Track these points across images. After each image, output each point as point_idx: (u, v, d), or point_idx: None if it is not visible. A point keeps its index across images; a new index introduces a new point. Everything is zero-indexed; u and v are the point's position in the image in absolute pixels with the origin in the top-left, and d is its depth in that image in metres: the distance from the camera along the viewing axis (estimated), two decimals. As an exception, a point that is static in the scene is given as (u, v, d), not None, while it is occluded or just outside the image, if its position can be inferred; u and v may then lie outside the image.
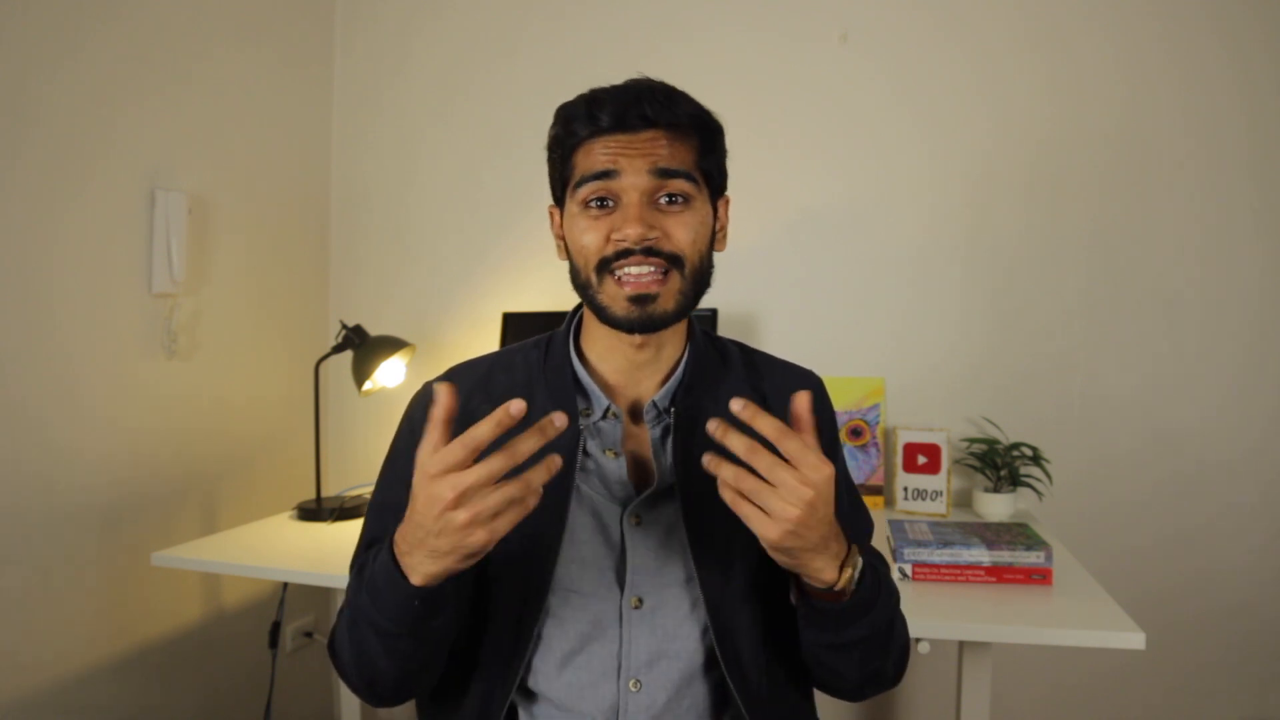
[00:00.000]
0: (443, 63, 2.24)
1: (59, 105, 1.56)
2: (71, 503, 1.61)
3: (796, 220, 2.04)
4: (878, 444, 1.96)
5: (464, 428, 0.86)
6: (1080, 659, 1.92)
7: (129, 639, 1.74)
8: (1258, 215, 1.84)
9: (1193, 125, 1.86)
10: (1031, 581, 1.38)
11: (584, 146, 0.83)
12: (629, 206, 0.80)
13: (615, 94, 0.82)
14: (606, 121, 0.81)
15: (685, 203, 0.83)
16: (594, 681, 0.82)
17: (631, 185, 0.81)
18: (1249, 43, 1.83)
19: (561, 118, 0.86)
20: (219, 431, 1.96)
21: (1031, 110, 1.93)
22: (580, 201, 0.83)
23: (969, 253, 1.97)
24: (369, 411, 2.23)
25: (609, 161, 0.81)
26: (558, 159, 0.87)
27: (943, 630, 1.26)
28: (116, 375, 1.70)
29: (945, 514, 1.87)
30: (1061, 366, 1.94)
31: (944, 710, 1.89)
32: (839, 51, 2.00)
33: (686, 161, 0.83)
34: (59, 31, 1.56)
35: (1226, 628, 1.87)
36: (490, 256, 2.22)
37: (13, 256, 1.51)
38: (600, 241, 0.82)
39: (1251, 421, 1.86)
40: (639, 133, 0.81)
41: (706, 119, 0.86)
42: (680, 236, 0.82)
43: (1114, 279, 1.91)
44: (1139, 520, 1.90)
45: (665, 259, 0.81)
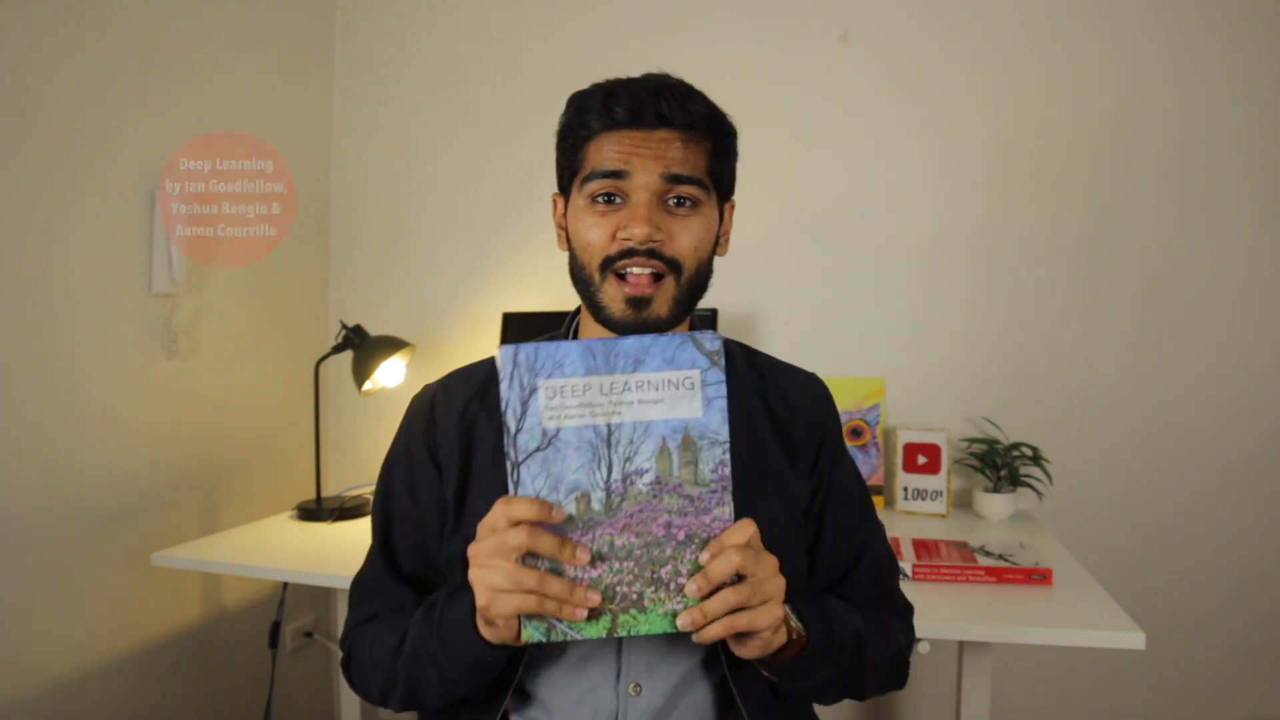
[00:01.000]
0: (442, 62, 2.24)
1: (58, 104, 1.56)
2: (71, 503, 1.61)
3: (797, 220, 2.04)
4: (878, 444, 1.96)
5: (462, 433, 0.87)
6: (1080, 659, 1.92)
7: (129, 639, 1.73)
8: (1260, 215, 1.84)
9: (1195, 125, 1.86)
10: (1031, 581, 1.38)
11: (596, 140, 0.82)
12: (637, 206, 0.80)
13: (632, 88, 0.81)
14: (621, 116, 0.80)
15: (693, 207, 0.82)
16: (593, 686, 0.82)
17: (642, 186, 0.80)
18: (1252, 41, 1.83)
19: (575, 107, 0.84)
20: (219, 431, 1.96)
21: (1034, 110, 1.92)
22: (588, 196, 0.82)
23: (970, 253, 1.97)
24: (369, 411, 2.23)
25: (621, 161, 0.80)
26: (568, 148, 0.85)
27: (943, 630, 1.26)
28: (116, 375, 1.70)
29: (945, 514, 1.87)
30: (1062, 366, 1.94)
31: (944, 710, 1.89)
32: (842, 48, 2.00)
33: (699, 166, 0.82)
34: (58, 30, 1.55)
35: (1226, 628, 1.87)
36: (490, 256, 2.22)
37: (12, 256, 1.50)
38: (605, 239, 0.81)
39: (1252, 423, 1.86)
40: (653, 131, 0.80)
41: (722, 121, 0.85)
42: (683, 242, 0.81)
43: (1115, 279, 1.91)
44: (1139, 520, 1.90)
45: (664, 262, 0.81)
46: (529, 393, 0.67)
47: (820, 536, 0.92)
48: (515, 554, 0.66)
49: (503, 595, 0.66)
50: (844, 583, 0.93)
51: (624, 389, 0.68)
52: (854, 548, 0.93)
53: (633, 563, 0.68)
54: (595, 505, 0.68)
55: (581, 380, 0.67)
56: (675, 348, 0.68)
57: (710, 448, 0.68)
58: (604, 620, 0.68)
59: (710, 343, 0.68)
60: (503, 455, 0.87)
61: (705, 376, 0.68)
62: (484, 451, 0.87)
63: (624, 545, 0.68)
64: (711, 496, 0.68)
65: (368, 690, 0.89)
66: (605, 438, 0.68)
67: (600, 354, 0.67)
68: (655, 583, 0.68)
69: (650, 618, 0.68)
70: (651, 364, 0.68)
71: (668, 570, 0.68)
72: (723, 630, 0.68)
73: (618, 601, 0.68)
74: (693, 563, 0.68)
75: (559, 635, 0.68)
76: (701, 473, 0.68)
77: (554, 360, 0.67)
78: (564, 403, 0.67)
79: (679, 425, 0.68)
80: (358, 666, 0.89)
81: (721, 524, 0.68)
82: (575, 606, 0.66)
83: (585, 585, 0.67)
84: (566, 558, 0.66)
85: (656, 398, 0.68)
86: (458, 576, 0.87)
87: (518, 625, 0.68)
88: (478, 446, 0.87)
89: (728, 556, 0.67)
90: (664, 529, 0.68)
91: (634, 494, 0.68)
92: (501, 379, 0.67)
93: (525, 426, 0.67)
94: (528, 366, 0.67)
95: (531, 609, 0.66)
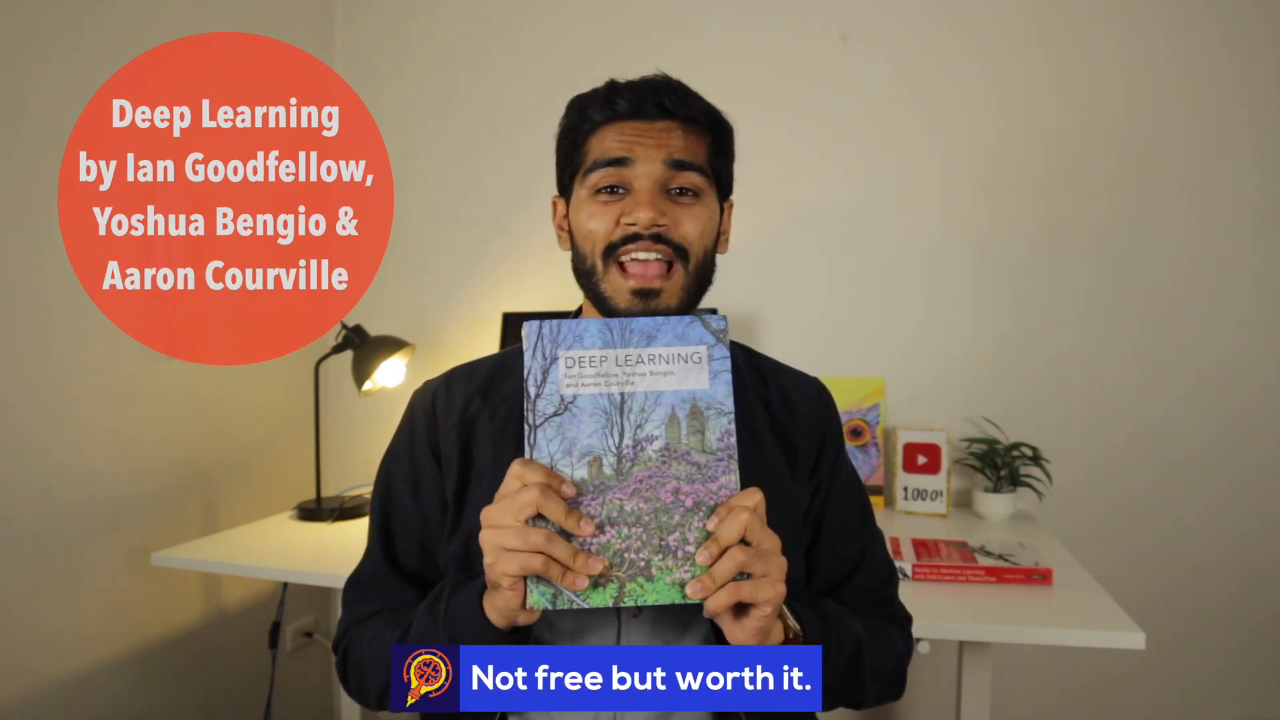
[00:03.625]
0: (442, 62, 2.24)
1: (56, 104, 1.56)
2: (71, 502, 1.61)
3: (797, 219, 2.04)
4: (878, 444, 1.96)
5: (463, 432, 0.87)
6: (1080, 659, 1.92)
7: (129, 639, 1.73)
8: (1260, 216, 1.84)
9: (1196, 125, 1.86)
10: (1031, 581, 1.38)
11: (599, 133, 0.83)
12: (641, 192, 0.81)
13: (632, 84, 0.84)
14: (623, 108, 0.82)
15: (696, 196, 0.83)
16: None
17: (645, 173, 0.81)
18: (1253, 43, 1.83)
19: (576, 106, 0.86)
20: (219, 431, 1.96)
21: (1034, 110, 1.92)
22: (590, 187, 0.83)
23: (970, 253, 1.97)
24: (369, 411, 2.23)
25: (624, 149, 0.81)
26: (569, 146, 0.86)
27: (943, 630, 1.26)
28: (116, 375, 1.70)
29: (945, 514, 1.87)
30: (1062, 366, 1.94)
31: (944, 710, 1.89)
32: (843, 48, 2.00)
33: (699, 156, 0.83)
34: (56, 29, 1.56)
35: (1226, 628, 1.87)
36: (490, 256, 2.22)
37: (12, 256, 1.51)
38: (609, 226, 0.82)
39: (1252, 422, 1.86)
40: (655, 122, 0.82)
41: (720, 119, 0.87)
42: (689, 228, 0.82)
43: (1114, 279, 1.91)
44: (1139, 520, 1.90)
45: (672, 248, 0.81)
46: (550, 361, 0.72)
47: (819, 541, 0.92)
48: (525, 513, 0.67)
49: (509, 554, 0.67)
50: (843, 588, 0.93)
51: (637, 361, 0.72)
52: (853, 553, 0.93)
53: (641, 529, 0.70)
54: (607, 469, 0.70)
55: (599, 352, 0.72)
56: (685, 326, 0.73)
57: (716, 417, 0.72)
58: (611, 588, 0.69)
59: (717, 323, 0.73)
60: (503, 452, 0.87)
61: (712, 352, 0.73)
62: (484, 449, 0.87)
63: (633, 510, 0.70)
64: (718, 465, 0.71)
65: (364, 690, 0.88)
66: (619, 405, 0.72)
67: (617, 329, 0.73)
68: (663, 550, 0.69)
69: (658, 586, 0.69)
70: (663, 339, 0.73)
71: (675, 538, 0.69)
72: (728, 598, 0.67)
73: (625, 568, 0.69)
74: (700, 530, 0.69)
75: (565, 603, 0.69)
76: (708, 440, 0.71)
77: (574, 334, 0.72)
78: (581, 372, 0.72)
79: (687, 395, 0.72)
80: (354, 666, 0.88)
81: (728, 491, 0.70)
82: (578, 574, 0.67)
83: (591, 553, 0.68)
84: (571, 526, 0.67)
85: (667, 370, 0.73)
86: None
87: (524, 591, 0.68)
88: (478, 444, 0.87)
89: (736, 516, 0.68)
90: (672, 495, 0.70)
91: (644, 459, 0.71)
92: (525, 349, 0.72)
93: (545, 393, 0.72)
94: (550, 338, 0.72)
95: (537, 569, 0.66)
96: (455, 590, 0.77)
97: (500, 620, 0.71)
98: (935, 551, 1.49)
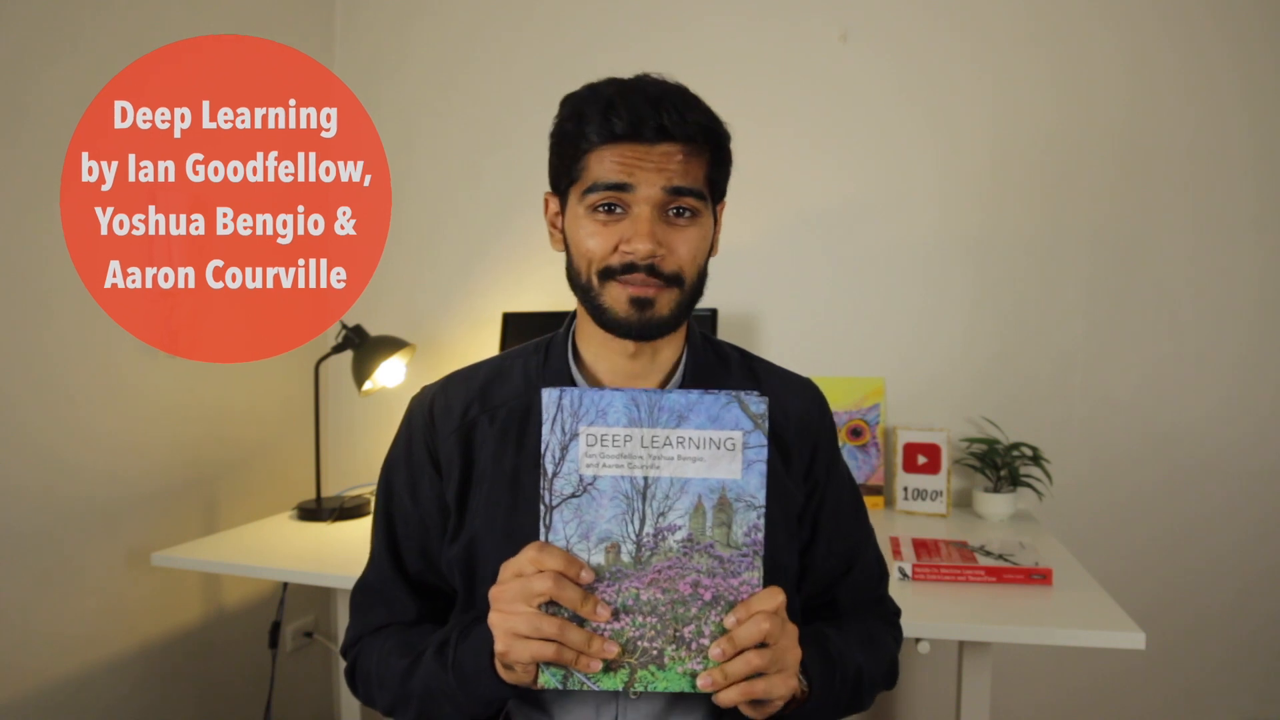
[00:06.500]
0: (442, 62, 2.24)
1: (56, 104, 1.56)
2: (71, 503, 1.61)
3: (796, 220, 2.04)
4: (878, 444, 1.96)
5: (462, 436, 0.87)
6: (1080, 659, 1.92)
7: (129, 639, 1.73)
8: (1262, 216, 1.84)
9: (1197, 124, 1.86)
10: (1031, 581, 1.38)
11: (596, 152, 0.81)
12: (640, 220, 0.80)
13: (630, 98, 0.80)
14: (621, 129, 0.79)
15: (692, 217, 0.82)
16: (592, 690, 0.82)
17: (644, 199, 0.80)
18: (1254, 41, 1.83)
19: (572, 113, 0.83)
20: (219, 431, 1.96)
21: (1034, 110, 1.92)
22: (588, 205, 0.82)
23: (970, 253, 1.97)
24: (369, 411, 2.23)
25: (623, 174, 0.80)
26: (565, 153, 0.84)
27: (943, 630, 1.26)
28: (116, 375, 1.70)
29: (945, 514, 1.87)
30: (1062, 366, 1.94)
31: (944, 710, 1.89)
32: (842, 48, 2.00)
33: (698, 178, 0.82)
34: (55, 29, 1.56)
35: (1226, 628, 1.87)
36: (490, 256, 2.22)
37: (11, 256, 1.50)
38: (607, 249, 0.81)
39: (1252, 422, 1.86)
40: (654, 145, 0.80)
41: (718, 130, 0.85)
42: (683, 253, 0.82)
43: (1114, 279, 1.91)
44: (1139, 520, 1.90)
45: (664, 280, 0.81)
46: (570, 438, 0.68)
47: (814, 541, 0.92)
48: (538, 600, 0.67)
49: (522, 642, 0.67)
50: (837, 587, 0.94)
51: (665, 443, 0.68)
52: (848, 553, 0.94)
53: (656, 619, 0.68)
54: (624, 557, 0.68)
55: (623, 430, 0.68)
56: (720, 407, 0.68)
57: (746, 511, 0.68)
58: (622, 673, 0.68)
59: (756, 405, 0.68)
60: (503, 456, 0.87)
61: (748, 439, 0.68)
62: (485, 454, 0.87)
63: (649, 600, 0.68)
64: (743, 560, 0.68)
65: (372, 702, 0.90)
66: (641, 490, 0.68)
67: (644, 406, 0.68)
68: (677, 641, 0.68)
69: (669, 675, 0.68)
70: (695, 421, 0.68)
71: (690, 630, 0.68)
72: (739, 695, 0.68)
73: (638, 656, 0.68)
74: (716, 625, 0.68)
75: (575, 684, 0.68)
76: (735, 535, 0.68)
77: (598, 408, 0.68)
78: (604, 451, 0.68)
79: (716, 485, 0.68)
80: (363, 679, 0.90)
81: (750, 588, 0.68)
82: (592, 658, 0.67)
83: (605, 637, 0.68)
84: (587, 613, 0.67)
85: (696, 455, 0.68)
86: (458, 580, 0.87)
87: (535, 669, 0.69)
88: (478, 449, 0.87)
89: (756, 622, 0.67)
90: (691, 588, 0.68)
91: (664, 550, 0.68)
92: (544, 421, 0.68)
93: (563, 472, 0.68)
94: (571, 411, 0.68)
95: (550, 658, 0.67)
96: (463, 638, 0.78)
97: (510, 680, 0.73)
98: (935, 551, 1.49)
